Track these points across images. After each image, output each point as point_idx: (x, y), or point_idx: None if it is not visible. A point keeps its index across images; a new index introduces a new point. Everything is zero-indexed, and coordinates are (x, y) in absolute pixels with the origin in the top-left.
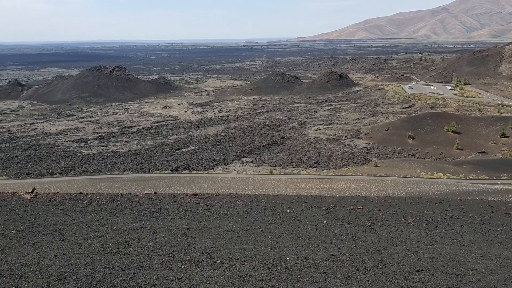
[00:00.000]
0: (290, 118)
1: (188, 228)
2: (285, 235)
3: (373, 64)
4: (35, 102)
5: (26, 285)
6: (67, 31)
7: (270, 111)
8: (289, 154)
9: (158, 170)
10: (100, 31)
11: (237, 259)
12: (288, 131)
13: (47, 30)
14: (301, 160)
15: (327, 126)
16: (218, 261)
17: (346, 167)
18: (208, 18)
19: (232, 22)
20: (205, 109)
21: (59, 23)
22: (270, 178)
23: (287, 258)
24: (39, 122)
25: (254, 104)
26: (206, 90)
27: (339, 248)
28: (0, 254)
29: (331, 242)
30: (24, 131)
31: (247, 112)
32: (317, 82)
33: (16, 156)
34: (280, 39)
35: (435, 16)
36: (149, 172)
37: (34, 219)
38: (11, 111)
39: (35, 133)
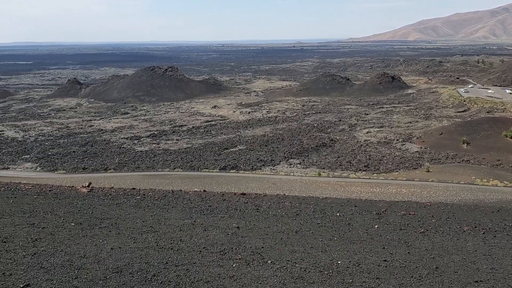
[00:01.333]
0: (340, 120)
1: (238, 227)
2: (335, 238)
3: (427, 67)
4: (92, 100)
5: (85, 276)
6: (123, 32)
7: (320, 112)
8: (338, 157)
9: (207, 168)
10: (155, 32)
11: (288, 261)
12: (338, 133)
13: (105, 31)
14: (350, 163)
15: (378, 129)
16: (269, 262)
17: (397, 171)
18: (258, 19)
19: (282, 23)
20: (253, 110)
21: (116, 25)
22: (318, 180)
23: (339, 262)
24: (95, 120)
25: (303, 105)
26: (255, 91)
27: (391, 254)
28: (61, 245)
29: (384, 248)
30: (81, 128)
31: (295, 113)
32: (369, 84)
33: (74, 152)
34: (331, 39)
35: (494, 16)
36: (198, 170)
37: (92, 213)
38: (69, 108)
39: (91, 130)
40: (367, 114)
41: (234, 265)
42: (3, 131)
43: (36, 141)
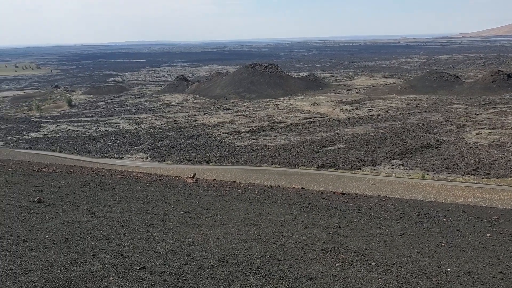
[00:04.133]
0: (448, 120)
1: (339, 227)
2: (443, 244)
3: None
4: (197, 96)
5: (194, 263)
6: (227, 31)
7: (425, 111)
8: (444, 159)
9: (304, 166)
10: (257, 30)
11: (393, 264)
12: (444, 134)
13: (210, 30)
14: (457, 166)
15: (490, 131)
16: (373, 264)
17: (511, 177)
18: (361, 14)
19: (386, 18)
20: (354, 107)
21: (220, 23)
22: (422, 183)
23: (448, 270)
24: (200, 114)
25: (407, 104)
26: (356, 88)
27: (508, 266)
28: (171, 232)
29: (498, 258)
30: (187, 122)
31: (399, 112)
32: (480, 82)
33: (180, 144)
34: (439, 35)
35: None
36: (295, 167)
37: (198, 203)
38: (177, 104)
39: (196, 124)
40: (478, 115)
41: (337, 265)
42: (119, 123)
43: (147, 133)
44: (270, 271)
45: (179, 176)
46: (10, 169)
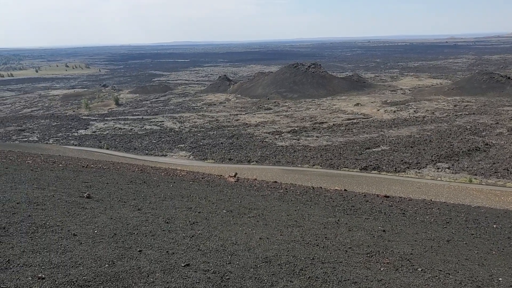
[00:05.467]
0: (498, 123)
1: (384, 231)
2: (494, 252)
3: None
4: (239, 95)
5: (237, 263)
6: (270, 31)
7: (474, 113)
8: (494, 163)
9: (347, 167)
10: (299, 30)
11: (440, 270)
12: (494, 137)
13: (253, 30)
14: (508, 170)
15: None
16: (419, 269)
17: None
18: (406, 13)
19: (434, 16)
20: (399, 108)
21: (263, 23)
22: (469, 187)
23: (500, 279)
24: (241, 114)
25: (455, 106)
26: (401, 89)
27: None
28: (215, 230)
29: None
30: (229, 121)
31: (446, 114)
32: None
33: (221, 143)
34: (490, 34)
35: None
36: (337, 168)
37: (240, 202)
38: (219, 103)
39: (237, 124)
40: None
41: (382, 269)
42: (163, 122)
43: (190, 132)
44: (313, 273)
45: (221, 175)
46: (60, 165)
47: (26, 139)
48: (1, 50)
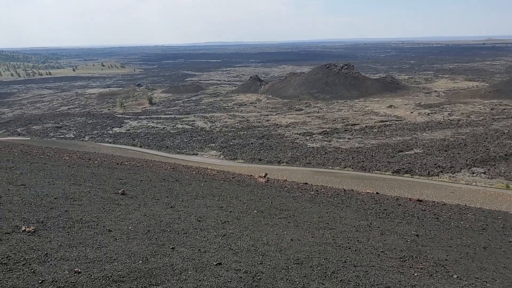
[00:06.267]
0: None
1: (417, 235)
2: None
3: None
4: (270, 96)
5: (269, 263)
6: (302, 31)
7: None
8: None
9: (379, 170)
10: (333, 30)
11: (476, 278)
12: None
13: (286, 31)
14: None
15: None
16: (455, 276)
17: None
18: (442, 14)
19: (471, 17)
20: (433, 111)
21: (296, 24)
22: (506, 193)
23: None
24: (272, 114)
25: (491, 109)
26: (436, 91)
27: None
28: (246, 230)
29: None
30: (259, 122)
31: (482, 117)
32: None
33: (251, 143)
34: None
35: None
36: (369, 171)
37: (271, 203)
38: (250, 103)
39: (268, 124)
40: None
41: (415, 274)
42: (194, 121)
43: (220, 132)
44: (345, 276)
45: (251, 175)
46: (96, 161)
47: (62, 136)
48: (40, 49)
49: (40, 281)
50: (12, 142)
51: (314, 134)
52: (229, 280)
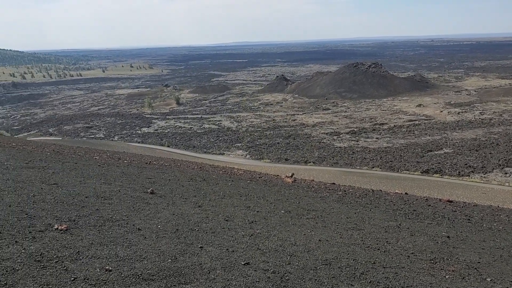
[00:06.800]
0: None
1: (448, 237)
2: None
3: None
4: (296, 95)
5: (297, 263)
6: (329, 30)
7: None
8: None
9: (407, 170)
10: (360, 29)
11: (511, 282)
12: None
13: (312, 30)
14: None
15: None
16: (488, 279)
17: None
18: (472, 10)
19: (502, 14)
20: (463, 110)
21: (322, 23)
22: None
23: None
24: (298, 114)
25: None
26: (466, 89)
27: None
28: (273, 230)
29: None
30: (285, 121)
31: None
32: None
33: (278, 143)
34: None
35: None
36: (397, 171)
37: (298, 203)
38: (276, 103)
39: (294, 124)
40: None
41: (447, 277)
42: (221, 121)
43: (246, 132)
44: (375, 277)
45: (278, 175)
46: (125, 161)
47: (93, 136)
48: (71, 51)
49: (72, 279)
50: (45, 142)
51: (342, 133)
52: (257, 280)
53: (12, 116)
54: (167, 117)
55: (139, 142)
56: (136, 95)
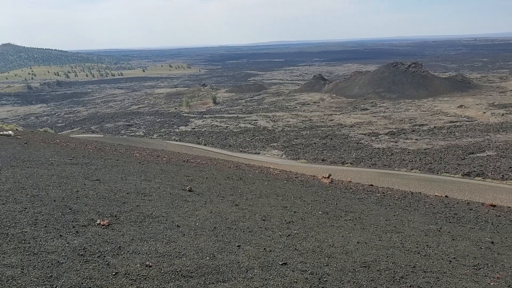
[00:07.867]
0: None
1: (492, 242)
2: None
3: None
4: (334, 95)
5: (335, 265)
6: (368, 29)
7: None
8: None
9: (447, 172)
10: (399, 28)
11: None
12: None
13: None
14: None
15: None
16: None
17: None
18: None
19: None
20: (508, 111)
21: (361, 21)
22: None
23: None
24: (336, 114)
25: None
26: (511, 90)
27: None
28: (311, 231)
29: None
30: (322, 121)
31: None
32: None
33: (314, 143)
34: None
35: None
36: (437, 173)
37: (336, 204)
38: (313, 103)
39: (331, 124)
40: None
41: (491, 284)
42: (257, 120)
43: (282, 131)
44: (415, 282)
45: (314, 176)
46: (164, 158)
47: (133, 134)
48: (113, 51)
49: (114, 273)
50: (87, 139)
51: (380, 134)
52: (295, 280)
53: (56, 114)
54: (204, 116)
55: (177, 140)
56: (175, 94)
